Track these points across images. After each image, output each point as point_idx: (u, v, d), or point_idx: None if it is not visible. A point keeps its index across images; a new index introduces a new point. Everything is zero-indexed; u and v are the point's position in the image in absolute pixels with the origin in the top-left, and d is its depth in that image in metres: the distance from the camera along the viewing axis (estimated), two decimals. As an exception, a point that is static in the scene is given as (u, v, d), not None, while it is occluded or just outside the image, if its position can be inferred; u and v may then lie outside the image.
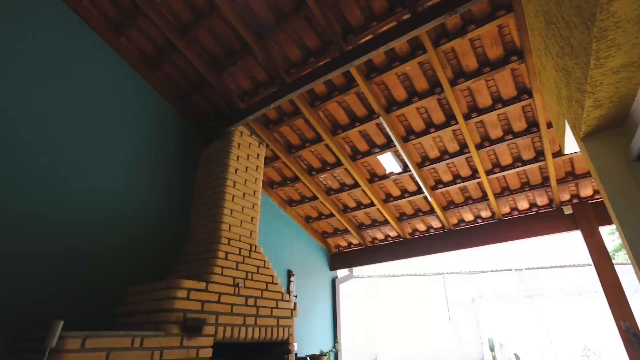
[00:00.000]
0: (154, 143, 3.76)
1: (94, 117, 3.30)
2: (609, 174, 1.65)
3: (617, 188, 1.62)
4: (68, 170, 2.98)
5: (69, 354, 1.92)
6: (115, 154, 3.38)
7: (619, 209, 1.59)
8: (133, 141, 3.57)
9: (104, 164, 3.26)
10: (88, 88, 3.33)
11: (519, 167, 4.06)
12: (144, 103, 3.80)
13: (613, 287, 3.69)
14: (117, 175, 3.34)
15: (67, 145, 3.03)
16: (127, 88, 3.68)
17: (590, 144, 1.81)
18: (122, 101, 3.59)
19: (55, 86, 3.08)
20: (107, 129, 3.38)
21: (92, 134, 3.24)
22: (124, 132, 3.51)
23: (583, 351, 15.34)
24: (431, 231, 5.20)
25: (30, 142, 2.80)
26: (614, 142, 1.75)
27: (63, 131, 3.04)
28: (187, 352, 2.46)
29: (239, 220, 3.45)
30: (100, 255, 3.01)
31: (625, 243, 1.54)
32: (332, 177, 4.85)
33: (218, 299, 2.78)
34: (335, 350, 5.36)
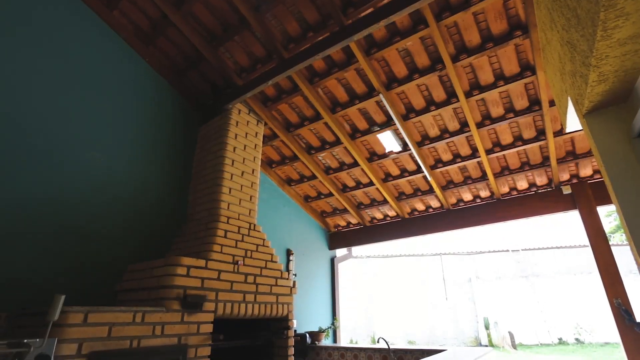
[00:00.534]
0: (151, 122, 3.71)
1: (90, 95, 3.25)
2: (610, 150, 1.63)
3: (618, 165, 1.60)
4: (65, 149, 2.96)
5: (71, 328, 1.95)
6: (112, 132, 3.34)
7: (619, 186, 1.58)
8: (130, 120, 3.52)
9: (101, 143, 3.23)
10: (83, 65, 3.25)
11: (519, 146, 4.03)
12: (141, 81, 3.73)
13: (608, 266, 3.73)
14: (115, 154, 3.31)
15: (62, 123, 2.99)
16: (123, 65, 3.60)
17: (592, 121, 1.78)
18: (118, 79, 3.52)
19: (49, 64, 3.01)
20: (103, 108, 3.33)
21: (87, 112, 3.20)
22: (120, 111, 3.46)
23: (575, 329, 15.78)
24: (430, 211, 5.22)
25: (25, 122, 2.76)
26: (616, 119, 1.72)
27: (57, 109, 2.99)
28: (188, 327, 2.51)
29: (238, 199, 3.45)
30: (99, 234, 3.03)
31: (623, 219, 1.54)
32: (331, 156, 4.82)
33: (218, 276, 2.81)
34: (334, 327, 5.49)
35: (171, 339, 2.39)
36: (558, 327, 15.77)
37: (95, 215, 3.03)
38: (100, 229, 3.04)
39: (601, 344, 14.53)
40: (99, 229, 3.03)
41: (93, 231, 2.99)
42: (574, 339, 15.40)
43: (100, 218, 3.06)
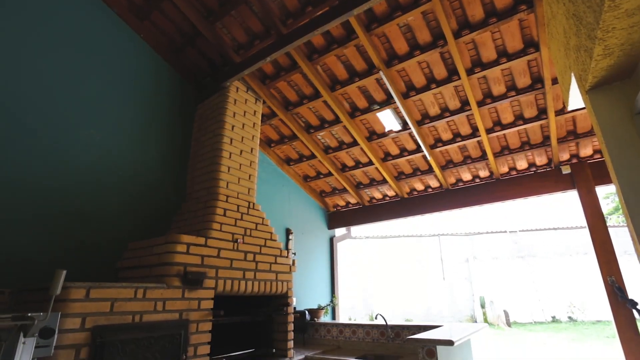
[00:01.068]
0: (148, 100, 3.66)
1: (83, 72, 3.18)
2: (611, 127, 1.61)
3: (619, 141, 1.59)
4: (59, 127, 2.92)
5: (74, 303, 1.99)
6: (108, 110, 3.30)
7: (619, 162, 1.57)
8: (126, 98, 3.47)
9: (98, 121, 3.19)
10: (76, 41, 3.17)
11: (520, 125, 4.00)
12: (137, 58, 3.66)
13: (604, 244, 3.77)
14: (112, 132, 3.28)
15: (55, 101, 2.95)
16: (118, 42, 3.52)
17: (595, 97, 1.75)
18: (113, 55, 3.45)
19: (40, 41, 2.93)
20: (99, 85, 3.27)
21: (82, 90, 3.14)
22: (116, 89, 3.41)
23: (569, 307, 16.15)
24: (429, 190, 5.23)
25: (15, 100, 2.72)
26: (619, 95, 1.70)
27: (49, 87, 2.94)
28: (189, 303, 2.55)
29: (237, 178, 3.44)
30: (98, 212, 3.04)
31: (621, 196, 1.54)
32: (331, 135, 4.78)
33: (217, 254, 2.84)
34: (333, 305, 5.60)
35: (173, 314, 2.44)
36: (552, 306, 16.16)
37: (94, 194, 3.03)
38: (99, 207, 3.05)
39: (593, 322, 14.92)
40: (97, 208, 3.03)
41: (92, 210, 2.99)
42: (566, 317, 15.81)
43: (98, 197, 3.06)
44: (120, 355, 2.10)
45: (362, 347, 4.01)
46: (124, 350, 2.12)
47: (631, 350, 3.36)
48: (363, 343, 4.04)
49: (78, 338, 1.96)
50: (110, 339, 2.07)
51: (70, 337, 1.94)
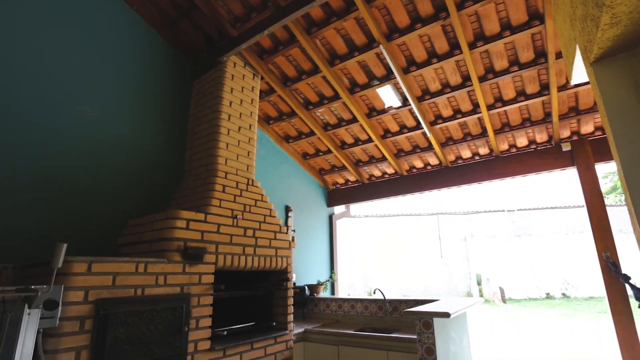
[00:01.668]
0: (143, 76, 3.60)
1: (76, 47, 3.11)
2: (614, 99, 1.59)
3: (621, 113, 1.57)
4: (52, 102, 2.88)
5: (76, 277, 2.01)
6: (102, 86, 3.25)
7: (620, 135, 1.56)
8: (121, 73, 3.41)
9: (91, 98, 3.14)
10: (68, 15, 3.08)
11: (521, 101, 3.95)
12: (130, 32, 3.56)
13: (601, 221, 3.81)
14: (107, 109, 3.24)
15: (48, 76, 2.89)
16: (111, 15, 3.42)
17: (599, 70, 1.72)
18: (105, 29, 3.35)
19: (32, 15, 2.84)
20: (91, 60, 3.20)
21: (74, 64, 3.07)
22: (109, 64, 3.34)
23: (562, 284, 16.50)
24: (428, 168, 5.23)
25: (8, 75, 2.66)
26: (624, 67, 1.66)
27: (42, 61, 2.87)
28: (190, 277, 2.59)
29: (236, 155, 3.42)
30: (98, 190, 3.04)
31: (621, 170, 1.54)
32: (330, 111, 4.73)
33: (217, 230, 2.86)
34: (332, 281, 5.70)
35: (174, 288, 2.48)
36: (546, 283, 16.52)
37: (92, 172, 3.02)
38: (98, 185, 3.05)
39: (585, 298, 15.30)
40: (96, 186, 3.03)
41: (91, 187, 2.99)
42: (560, 293, 16.19)
43: (97, 174, 3.05)
44: (124, 326, 2.15)
45: (360, 321, 4.11)
46: (127, 322, 2.17)
47: (621, 322, 3.45)
48: (361, 317, 4.14)
49: (82, 310, 2.00)
50: (113, 311, 2.11)
51: (74, 309, 1.97)
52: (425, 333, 2.64)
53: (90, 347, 2.00)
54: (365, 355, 3.19)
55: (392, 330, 3.54)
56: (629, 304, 3.50)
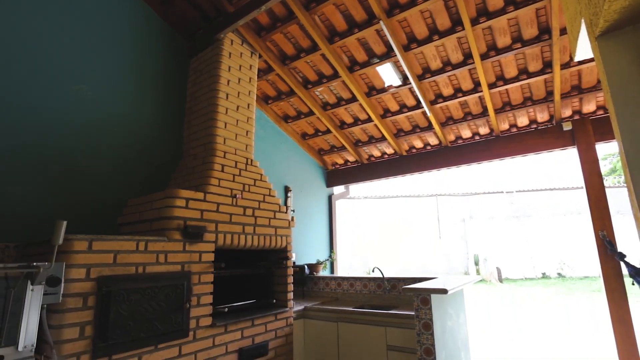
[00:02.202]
0: (140, 54, 3.53)
1: (69, 24, 3.03)
2: (618, 73, 1.56)
3: (624, 88, 1.55)
4: (48, 81, 2.83)
5: (77, 255, 2.03)
6: (97, 65, 3.19)
7: (622, 110, 1.54)
8: (116, 51, 3.34)
9: (87, 76, 3.09)
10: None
11: (523, 79, 3.89)
12: (126, 9, 3.46)
13: (599, 201, 3.82)
14: (103, 88, 3.19)
15: (43, 54, 2.83)
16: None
17: (604, 44, 1.68)
18: (100, 6, 3.26)
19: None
20: (85, 37, 3.13)
21: (69, 43, 3.01)
22: (104, 41, 3.27)
23: (559, 264, 16.75)
24: (428, 148, 5.20)
25: (6, 52, 2.61)
26: (630, 41, 1.63)
27: (37, 39, 2.81)
28: (190, 255, 2.62)
29: (234, 134, 3.40)
30: (97, 170, 3.04)
31: (621, 146, 1.53)
32: (329, 90, 4.67)
33: (217, 209, 2.87)
34: (331, 260, 5.77)
35: (175, 266, 2.51)
36: (543, 263, 16.78)
37: (91, 152, 3.01)
38: (97, 165, 3.04)
39: (580, 278, 15.58)
40: (95, 166, 3.02)
41: (90, 167, 2.99)
42: (556, 273, 16.47)
43: (96, 154, 3.04)
44: (126, 303, 2.19)
45: (359, 299, 4.19)
46: (129, 299, 2.21)
47: (614, 298, 3.52)
48: (360, 295, 4.21)
49: (84, 287, 2.03)
50: (115, 288, 2.15)
51: (76, 286, 2.00)
52: (423, 309, 2.69)
53: (94, 323, 2.04)
54: (364, 332, 3.26)
55: (391, 307, 3.61)
56: (622, 281, 3.56)
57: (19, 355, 1.67)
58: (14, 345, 1.66)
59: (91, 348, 2.01)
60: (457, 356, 3.05)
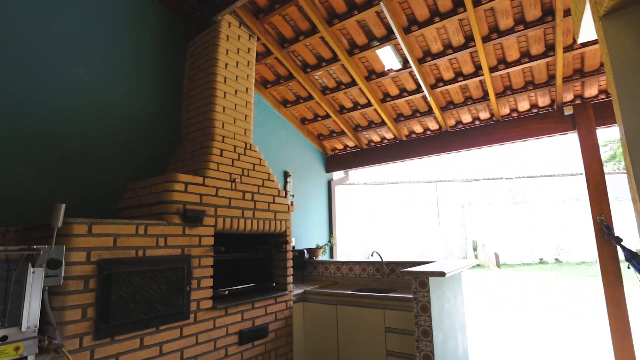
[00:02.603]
0: (136, 37, 3.48)
1: (65, 5, 2.96)
2: (622, 53, 1.53)
3: (628, 71, 1.53)
4: (44, 63, 2.79)
5: (77, 238, 2.04)
6: (92, 48, 3.14)
7: (625, 93, 1.52)
8: (112, 34, 3.28)
9: (82, 59, 3.04)
10: (49, -35, 2.91)
11: (525, 63, 3.84)
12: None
13: (598, 185, 3.82)
14: (100, 71, 3.15)
15: (39, 34, 2.78)
16: (95, -34, 3.24)
17: (609, 24, 1.65)
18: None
19: (10, -39, 2.68)
20: (79, 19, 3.07)
21: (65, 24, 2.95)
22: (100, 24, 3.20)
23: (556, 250, 16.90)
24: (428, 133, 5.18)
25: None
26: (634, 20, 1.59)
27: (30, 20, 2.75)
28: (190, 239, 2.63)
29: (233, 118, 3.37)
30: (96, 155, 3.03)
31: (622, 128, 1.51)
32: (328, 74, 4.61)
33: (216, 193, 2.87)
34: (330, 245, 5.81)
35: (175, 249, 2.52)
36: (540, 248, 16.95)
37: (88, 135, 2.99)
38: (96, 150, 3.02)
39: (577, 263, 15.76)
40: (94, 150, 3.01)
41: (88, 151, 2.98)
42: (553, 259, 16.65)
43: (93, 138, 3.02)
44: (127, 285, 2.21)
45: (358, 283, 4.24)
46: (130, 282, 2.23)
47: (610, 281, 3.57)
48: (359, 279, 4.26)
49: (85, 270, 2.05)
50: (116, 271, 2.16)
51: (77, 269, 2.02)
52: (421, 292, 2.73)
53: (96, 305, 2.07)
54: (362, 314, 3.31)
55: (389, 290, 3.65)
56: (618, 265, 3.60)
57: (23, 336, 1.70)
58: (18, 326, 1.68)
59: (94, 329, 2.04)
60: (454, 338, 3.11)
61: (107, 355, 2.09)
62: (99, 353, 2.05)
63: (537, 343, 5.18)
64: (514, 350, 4.87)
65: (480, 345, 5.09)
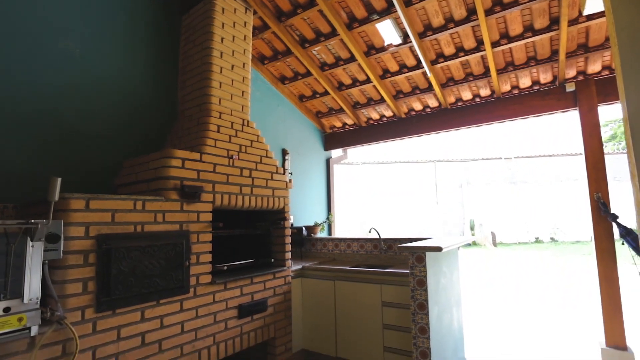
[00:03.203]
0: (129, 9, 3.37)
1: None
2: (628, 26, 1.50)
3: (633, 42, 1.49)
4: (33, 36, 2.71)
5: (75, 213, 2.04)
6: (85, 20, 3.04)
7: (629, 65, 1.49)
8: (103, 5, 3.17)
9: (74, 34, 2.96)
10: None
11: (528, 37, 3.75)
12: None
13: (597, 163, 3.81)
14: (92, 46, 3.07)
15: (28, 5, 2.69)
16: None
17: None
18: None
19: None
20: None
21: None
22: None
23: (552, 230, 17.10)
24: (427, 110, 5.12)
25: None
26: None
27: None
28: (188, 215, 2.64)
29: (229, 94, 3.32)
30: (92, 132, 2.99)
31: (624, 101, 1.49)
32: (327, 50, 4.51)
33: (213, 169, 2.86)
34: (329, 222, 5.86)
35: (173, 225, 2.54)
36: (537, 228, 17.15)
37: (84, 112, 2.95)
38: (91, 126, 2.99)
39: (573, 242, 15.98)
40: (89, 126, 2.98)
41: (84, 128, 2.94)
42: (549, 238, 16.87)
43: (89, 114, 2.98)
44: (127, 260, 2.23)
45: (356, 259, 4.30)
46: (129, 256, 2.25)
47: (604, 258, 3.62)
48: (357, 255, 4.31)
49: (84, 245, 2.06)
50: (115, 246, 2.18)
51: (76, 244, 2.03)
52: (418, 267, 2.77)
53: (97, 279, 2.09)
54: (359, 289, 3.37)
55: (386, 266, 3.70)
56: (612, 242, 3.65)
57: (25, 307, 1.72)
58: (20, 298, 1.71)
59: (95, 302, 2.07)
60: (449, 312, 3.18)
61: (109, 327, 2.13)
62: (101, 325, 2.09)
63: (530, 319, 5.31)
64: (507, 326, 5.00)
65: (474, 320, 5.22)
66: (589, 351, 3.84)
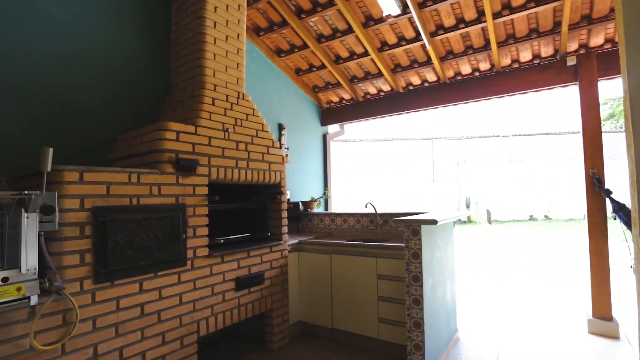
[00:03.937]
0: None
1: None
2: None
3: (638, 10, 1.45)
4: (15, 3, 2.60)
5: (69, 185, 2.02)
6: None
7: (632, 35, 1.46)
8: (88, -32, 3.04)
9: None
10: None
11: (531, 8, 3.65)
12: None
13: (594, 139, 3.81)
14: (79, 11, 2.96)
15: (8, -32, 2.56)
16: None
17: (623, -45, 1.55)
18: None
19: None
20: (53, -51, 2.82)
21: (35, -46, 2.71)
22: (74, -45, 2.95)
23: (546, 207, 17.30)
24: (425, 85, 5.04)
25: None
26: (651, -49, 1.50)
27: (-2, -52, 2.52)
28: (184, 188, 2.63)
29: (224, 66, 3.24)
30: (84, 105, 2.93)
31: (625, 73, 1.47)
32: (323, 20, 4.38)
33: (208, 142, 2.83)
34: (325, 197, 5.88)
35: (169, 198, 2.53)
36: (531, 205, 17.36)
37: (73, 84, 2.88)
38: (82, 98, 2.92)
39: (566, 220, 16.22)
40: (80, 98, 2.91)
41: (75, 100, 2.88)
42: (543, 215, 17.11)
43: (79, 86, 2.91)
44: (123, 232, 2.23)
45: (352, 234, 4.34)
46: (126, 229, 2.25)
47: (595, 232, 3.69)
48: (353, 230, 4.36)
49: (80, 217, 2.05)
50: (111, 218, 2.18)
51: (72, 216, 2.02)
52: (413, 240, 2.80)
53: (94, 251, 2.10)
54: (355, 262, 3.42)
55: (382, 241, 3.75)
56: (605, 217, 3.70)
57: (23, 277, 1.73)
58: (17, 268, 1.71)
59: (93, 274, 2.09)
60: (443, 284, 3.25)
61: (109, 298, 2.16)
62: (100, 296, 2.12)
63: (522, 292, 5.45)
64: (499, 298, 5.13)
65: (468, 293, 5.35)
66: (576, 321, 3.97)
